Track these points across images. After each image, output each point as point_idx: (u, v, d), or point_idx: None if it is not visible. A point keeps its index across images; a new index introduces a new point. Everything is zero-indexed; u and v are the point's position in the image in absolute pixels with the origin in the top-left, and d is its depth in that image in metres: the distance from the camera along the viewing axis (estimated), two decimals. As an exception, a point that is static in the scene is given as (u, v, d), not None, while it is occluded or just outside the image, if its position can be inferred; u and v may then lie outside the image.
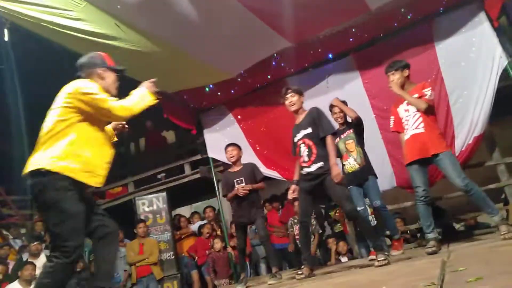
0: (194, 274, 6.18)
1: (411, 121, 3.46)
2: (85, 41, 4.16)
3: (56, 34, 4.07)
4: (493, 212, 3.27)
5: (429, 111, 3.43)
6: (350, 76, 5.43)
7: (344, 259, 5.48)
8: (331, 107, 4.27)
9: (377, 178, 4.20)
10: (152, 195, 6.85)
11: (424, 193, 3.35)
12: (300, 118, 3.62)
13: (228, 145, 4.46)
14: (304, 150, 3.47)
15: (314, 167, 3.39)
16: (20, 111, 7.57)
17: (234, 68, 5.43)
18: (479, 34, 4.76)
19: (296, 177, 3.66)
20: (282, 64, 5.49)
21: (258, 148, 6.08)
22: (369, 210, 4.81)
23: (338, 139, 4.12)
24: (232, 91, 5.90)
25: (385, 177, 4.95)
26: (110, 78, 2.45)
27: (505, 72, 4.62)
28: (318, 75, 5.59)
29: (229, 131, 6.30)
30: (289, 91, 3.60)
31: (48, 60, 6.06)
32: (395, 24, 5.09)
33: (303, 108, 3.65)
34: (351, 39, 5.19)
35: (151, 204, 6.69)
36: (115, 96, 2.44)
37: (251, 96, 6.02)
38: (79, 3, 3.84)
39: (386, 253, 3.20)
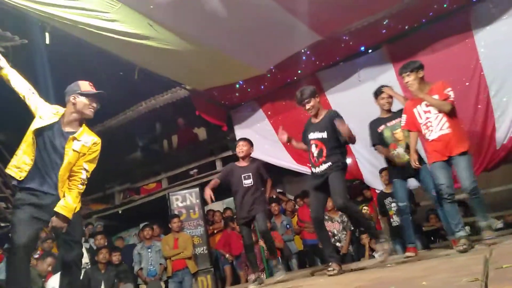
0: (227, 268, 6.26)
1: (435, 122, 3.38)
2: (120, 42, 4.31)
3: (93, 36, 4.23)
4: (485, 217, 3.34)
5: (453, 112, 3.36)
6: (383, 68, 5.31)
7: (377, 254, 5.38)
8: (379, 92, 4.10)
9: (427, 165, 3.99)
10: (185, 191, 7.00)
11: (449, 191, 3.29)
12: (319, 118, 3.59)
13: (240, 139, 4.48)
14: (315, 150, 3.50)
15: (322, 167, 3.44)
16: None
17: (264, 64, 5.44)
18: (522, 20, 4.52)
19: (294, 143, 3.82)
20: (313, 58, 5.44)
21: (288, 144, 6.07)
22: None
23: (383, 126, 3.97)
24: (262, 86, 5.92)
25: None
26: (82, 103, 2.75)
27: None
28: (350, 69, 5.51)
29: (259, 127, 6.33)
30: (303, 98, 3.55)
31: (84, 64, 6.31)
32: (431, 14, 4.92)
33: (321, 108, 3.64)
34: (383, 31, 5.06)
35: (184, 199, 6.83)
36: (90, 118, 2.82)
37: (282, 91, 6.01)
38: (114, 4, 3.96)
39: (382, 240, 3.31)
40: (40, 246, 5.62)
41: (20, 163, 2.63)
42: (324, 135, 3.46)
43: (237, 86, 5.93)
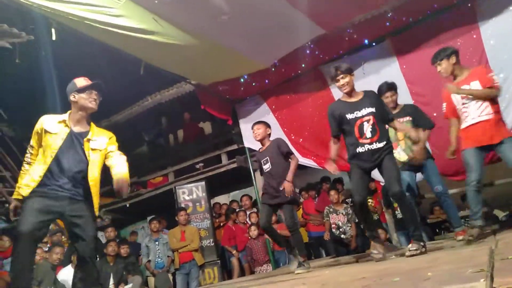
0: (234, 260, 6.35)
1: (473, 108, 3.28)
2: (126, 37, 4.33)
3: (99, 32, 4.26)
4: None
5: (494, 99, 3.30)
6: (387, 61, 5.29)
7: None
8: (383, 91, 4.08)
9: (433, 160, 3.99)
10: (192, 184, 7.07)
11: (478, 178, 3.22)
12: (358, 97, 3.40)
13: (254, 123, 4.27)
14: (367, 128, 3.28)
15: (377, 145, 3.25)
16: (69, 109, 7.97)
17: (269, 58, 5.44)
18: (528, 11, 4.48)
19: (333, 156, 3.51)
20: (317, 52, 5.43)
21: (293, 137, 6.10)
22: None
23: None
24: (267, 81, 5.93)
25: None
26: (82, 99, 2.82)
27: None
28: (354, 62, 5.47)
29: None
30: (339, 72, 3.36)
31: (90, 60, 6.35)
32: (435, 6, 4.88)
33: (355, 89, 3.46)
34: (387, 24, 5.03)
35: (191, 193, 6.91)
36: (94, 111, 2.88)
37: (286, 86, 6.02)
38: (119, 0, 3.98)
39: (422, 244, 3.06)
40: (49, 239, 5.73)
41: (29, 181, 2.66)
42: (373, 109, 3.29)
43: (242, 80, 5.95)
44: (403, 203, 3.22)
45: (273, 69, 5.65)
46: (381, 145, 3.25)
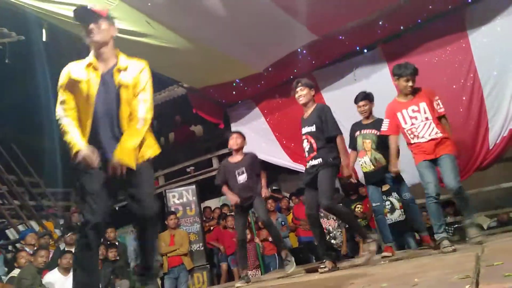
0: (224, 265, 6.31)
1: (424, 129, 3.34)
2: (117, 39, 4.30)
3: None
4: (470, 215, 3.30)
5: (444, 119, 3.39)
6: (378, 68, 5.36)
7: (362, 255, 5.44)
8: (358, 99, 4.12)
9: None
10: (182, 188, 7.03)
11: (436, 190, 3.24)
12: (308, 112, 3.57)
13: (233, 132, 4.38)
14: (306, 146, 3.51)
15: (313, 162, 3.43)
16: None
17: (261, 63, 5.47)
18: (515, 21, 4.58)
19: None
20: (309, 58, 5.48)
21: (284, 142, 6.12)
22: (398, 204, 4.76)
23: (358, 132, 4.03)
24: (259, 85, 5.95)
25: (412, 171, 4.86)
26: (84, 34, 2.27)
27: (543, 61, 4.45)
28: (345, 68, 5.55)
29: (255, 125, 6.36)
30: (299, 84, 3.54)
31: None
32: (426, 14, 4.97)
33: (312, 102, 3.60)
34: (378, 31, 5.11)
35: (181, 196, 6.86)
36: (99, 40, 2.24)
37: (278, 90, 6.05)
38: (112, 1, 3.97)
39: (369, 240, 3.31)
40: (36, 242, 5.64)
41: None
42: (313, 128, 3.44)
43: (234, 84, 5.96)
44: (335, 213, 3.67)
45: (265, 74, 5.68)
46: (316, 162, 3.39)
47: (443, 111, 3.36)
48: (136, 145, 2.17)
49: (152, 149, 2.33)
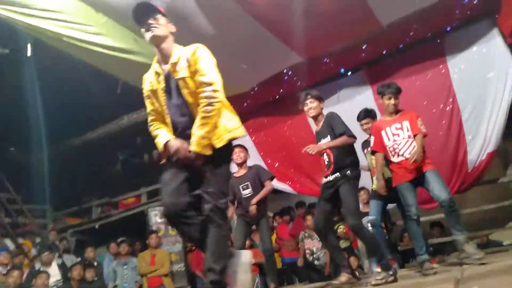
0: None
1: (405, 146, 3.42)
2: (104, 55, 4.31)
3: (76, 48, 4.23)
4: (460, 228, 3.27)
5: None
6: (361, 90, 5.47)
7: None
8: (360, 117, 4.18)
9: None
10: (164, 206, 6.91)
11: (417, 212, 3.32)
12: (319, 125, 3.48)
13: (236, 145, 4.27)
14: (325, 159, 3.36)
15: (332, 177, 3.28)
16: (40, 124, 7.77)
17: (248, 82, 5.52)
18: (492, 49, 4.76)
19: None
20: (295, 79, 5.56)
21: (269, 161, 6.13)
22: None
23: (366, 150, 4.08)
24: (245, 104, 5.99)
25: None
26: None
27: (519, 87, 4.60)
28: (330, 90, 5.64)
29: (241, 143, 6.36)
30: (309, 96, 3.45)
31: (66, 76, 6.26)
32: (407, 40, 5.14)
33: (322, 115, 3.49)
34: (362, 54, 5.25)
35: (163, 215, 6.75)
36: (155, 40, 2.28)
37: (264, 110, 6.09)
38: (100, 18, 4.00)
39: (391, 272, 3.04)
40: (11, 261, 5.43)
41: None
42: (328, 138, 3.31)
43: (220, 103, 5.99)
44: (361, 235, 3.30)
45: (252, 93, 5.73)
46: (333, 177, 3.26)
47: (425, 131, 3.44)
48: (208, 132, 2.11)
49: (231, 132, 2.23)
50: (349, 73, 5.62)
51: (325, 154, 3.36)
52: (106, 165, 9.60)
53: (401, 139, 3.44)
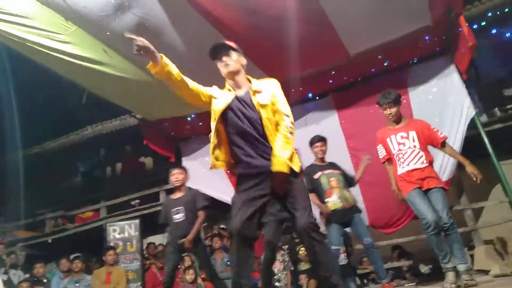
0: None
1: (411, 156, 3.33)
2: (71, 64, 4.19)
3: (41, 55, 4.09)
4: (464, 259, 3.13)
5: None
6: (328, 114, 5.63)
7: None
8: (314, 141, 4.26)
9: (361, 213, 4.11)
10: (124, 222, 6.69)
11: (433, 220, 3.03)
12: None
13: (175, 168, 4.29)
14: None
15: None
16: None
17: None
18: (450, 84, 5.08)
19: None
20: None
21: (234, 178, 6.10)
22: (342, 249, 4.85)
23: (320, 173, 4.13)
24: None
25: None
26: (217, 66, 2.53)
27: (472, 121, 4.91)
28: (298, 113, 5.76)
29: (207, 161, 6.21)
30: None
31: (28, 80, 6.02)
32: (373, 70, 5.39)
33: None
34: (330, 81, 5.44)
35: (122, 231, 6.51)
36: (228, 76, 2.49)
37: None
38: (69, 27, 3.90)
39: None
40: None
41: (217, 155, 2.46)
42: None
43: (189, 119, 5.95)
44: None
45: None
46: None
47: (444, 135, 3.44)
48: (289, 155, 2.24)
49: (298, 165, 2.35)
50: (317, 98, 5.77)
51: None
52: (65, 177, 9.20)
53: (406, 148, 3.35)
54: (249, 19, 4.09)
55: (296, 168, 2.29)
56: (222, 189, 6.19)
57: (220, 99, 2.43)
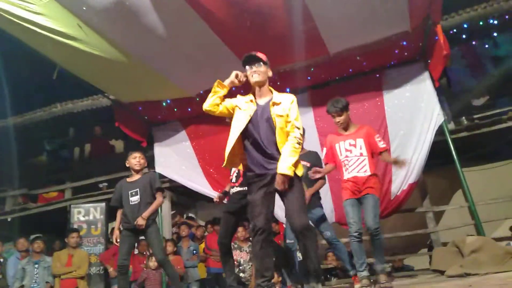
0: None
1: (355, 163, 3.50)
2: (42, 37, 4.02)
3: (12, 25, 3.90)
4: (382, 260, 3.46)
5: (375, 159, 3.61)
6: (304, 111, 5.65)
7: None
8: None
9: (322, 208, 4.14)
10: (90, 204, 6.54)
11: (358, 229, 3.38)
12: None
13: (137, 151, 4.27)
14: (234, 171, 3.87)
15: (240, 188, 3.65)
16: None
17: (194, 88, 5.46)
18: (422, 90, 5.23)
19: None
20: (242, 91, 5.60)
21: (207, 169, 6.08)
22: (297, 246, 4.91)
23: None
24: (189, 109, 5.91)
25: (326, 213, 5.12)
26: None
27: (440, 128, 5.08)
28: (274, 106, 5.79)
29: (180, 148, 6.25)
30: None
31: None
32: (350, 70, 5.46)
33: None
34: (308, 77, 5.47)
35: (87, 213, 6.37)
36: (257, 84, 2.87)
37: (207, 117, 5.96)
38: (43, -2, 3.73)
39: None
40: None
41: (233, 156, 2.74)
42: None
43: (164, 104, 5.85)
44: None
45: (197, 99, 5.67)
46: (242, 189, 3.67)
47: (385, 146, 3.59)
48: (295, 161, 2.60)
49: (301, 170, 2.69)
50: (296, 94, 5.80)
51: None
52: (30, 154, 8.86)
53: (352, 155, 3.52)
54: (232, 8, 4.04)
55: (299, 174, 2.65)
56: (192, 177, 6.16)
57: (244, 110, 2.80)
